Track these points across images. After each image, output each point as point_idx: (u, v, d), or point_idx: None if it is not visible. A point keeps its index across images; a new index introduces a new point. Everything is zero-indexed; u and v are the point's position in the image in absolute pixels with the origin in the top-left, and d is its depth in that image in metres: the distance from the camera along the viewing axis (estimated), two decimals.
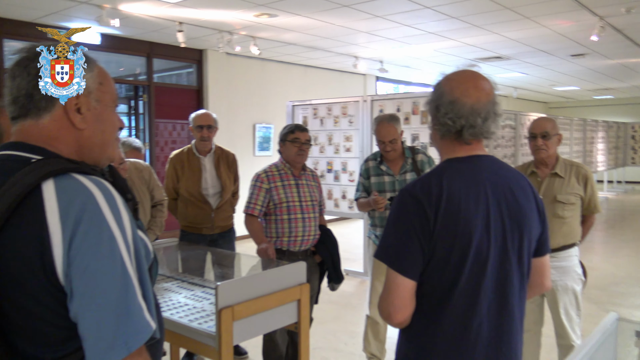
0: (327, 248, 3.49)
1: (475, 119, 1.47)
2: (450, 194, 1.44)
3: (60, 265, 1.00)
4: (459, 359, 1.49)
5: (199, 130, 3.84)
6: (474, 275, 1.45)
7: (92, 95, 1.18)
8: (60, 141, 1.14)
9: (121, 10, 5.89)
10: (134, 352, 1.03)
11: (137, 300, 1.05)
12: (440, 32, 7.25)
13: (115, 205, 1.07)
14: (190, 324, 2.54)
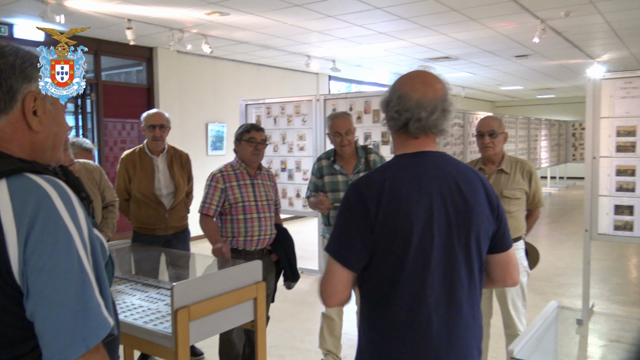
0: (283, 247, 3.51)
1: (420, 112, 1.52)
2: (392, 188, 1.50)
3: (15, 265, 1.00)
4: (409, 350, 1.53)
5: (151, 130, 3.79)
6: (418, 268, 1.50)
7: (48, 98, 1.18)
8: (13, 143, 1.14)
9: (66, 6, 5.72)
10: (92, 348, 1.03)
11: (95, 297, 1.06)
12: (391, 33, 7.39)
13: (71, 204, 1.08)
14: (145, 325, 2.52)
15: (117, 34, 7.08)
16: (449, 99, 1.58)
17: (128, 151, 3.92)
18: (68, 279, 1.02)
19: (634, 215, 4.51)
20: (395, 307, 1.52)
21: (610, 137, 4.57)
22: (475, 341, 1.63)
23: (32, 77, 1.15)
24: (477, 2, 5.80)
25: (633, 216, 4.51)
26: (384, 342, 1.55)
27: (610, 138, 4.57)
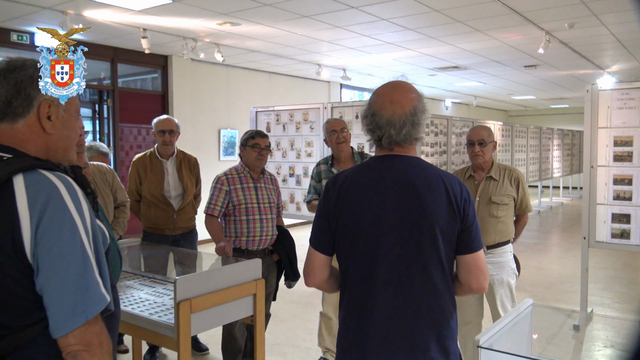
0: (284, 247, 3.68)
1: (390, 130, 1.69)
2: (351, 183, 1.72)
3: (28, 246, 1.19)
4: (359, 330, 1.70)
5: (161, 134, 3.99)
6: (365, 256, 1.68)
7: (62, 105, 1.36)
8: (30, 143, 1.32)
9: (85, 16, 5.98)
10: (91, 319, 1.21)
11: (94, 276, 1.24)
12: (398, 43, 7.56)
13: (76, 197, 1.26)
14: (150, 317, 2.69)
15: (133, 43, 7.34)
16: (420, 110, 1.71)
17: (139, 154, 4.13)
18: (72, 259, 1.21)
19: (631, 223, 4.61)
20: (349, 289, 1.74)
21: (607, 146, 4.68)
22: (432, 330, 1.67)
23: None
24: (481, 14, 5.94)
25: (630, 224, 4.61)
26: (345, 320, 1.76)
27: (608, 148, 4.68)
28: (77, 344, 1.20)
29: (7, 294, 1.20)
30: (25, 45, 6.75)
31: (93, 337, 1.22)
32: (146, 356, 4.09)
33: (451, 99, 15.86)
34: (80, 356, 1.20)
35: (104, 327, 1.27)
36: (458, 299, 3.56)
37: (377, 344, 1.67)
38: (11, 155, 1.26)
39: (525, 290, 5.95)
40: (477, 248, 1.72)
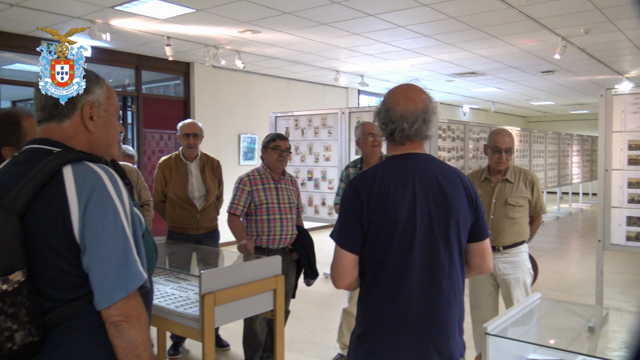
0: (303, 246, 3.82)
1: (403, 123, 1.82)
2: (381, 182, 1.80)
3: (76, 228, 1.34)
4: (391, 320, 1.80)
5: (186, 138, 4.17)
6: (402, 250, 1.78)
7: (102, 106, 1.53)
8: (75, 140, 1.48)
9: (112, 25, 6.21)
10: (130, 294, 1.37)
11: (133, 255, 1.40)
12: (415, 49, 7.67)
13: (117, 185, 1.42)
14: (176, 309, 2.84)
15: (157, 50, 7.58)
16: (431, 109, 1.86)
17: (165, 157, 4.32)
18: (114, 240, 1.37)
19: None
20: (382, 283, 1.80)
21: (622, 150, 4.74)
22: (457, 318, 1.86)
23: (90, 90, 1.49)
24: (497, 20, 6.03)
25: None
26: (373, 313, 1.83)
27: (622, 151, 4.74)
28: (118, 315, 1.35)
29: (58, 270, 1.35)
30: None
31: (132, 310, 1.37)
32: (170, 351, 4.25)
33: (469, 104, 15.88)
34: (121, 326, 1.35)
35: (141, 302, 1.42)
36: (475, 299, 3.66)
37: (413, 336, 1.77)
38: (60, 149, 1.43)
39: (542, 293, 5.98)
40: (487, 235, 1.93)
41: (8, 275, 1.28)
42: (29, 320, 1.31)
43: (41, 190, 1.34)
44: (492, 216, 3.43)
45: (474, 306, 3.64)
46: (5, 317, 1.28)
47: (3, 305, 1.28)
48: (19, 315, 1.29)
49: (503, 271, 3.47)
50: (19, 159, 1.46)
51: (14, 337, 1.29)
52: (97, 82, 1.52)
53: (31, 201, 1.33)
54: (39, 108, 1.48)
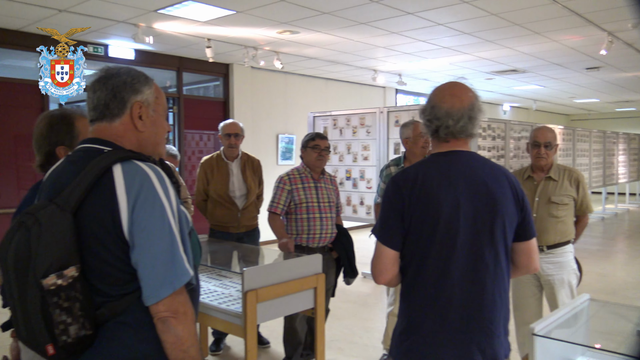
0: (343, 245, 3.83)
1: (448, 120, 1.80)
2: (424, 179, 1.79)
3: (125, 225, 1.38)
4: (433, 319, 1.78)
5: (227, 138, 4.24)
6: (445, 248, 1.76)
7: (151, 106, 1.57)
8: (125, 139, 1.53)
9: (155, 28, 6.36)
10: (177, 290, 1.39)
11: (180, 252, 1.43)
12: (455, 47, 7.58)
13: (164, 184, 1.45)
14: (219, 305, 2.89)
15: (197, 52, 7.72)
16: (477, 107, 1.84)
17: (207, 157, 4.40)
18: (161, 237, 1.39)
19: None
20: (423, 281, 1.79)
21: None
22: (502, 318, 1.83)
23: (139, 90, 1.54)
24: (540, 16, 5.90)
25: None
26: (414, 312, 1.82)
27: None
28: (166, 311, 1.38)
29: (108, 266, 1.39)
30: (100, 57, 7.22)
31: (179, 306, 1.40)
32: (212, 347, 4.32)
33: (509, 103, 15.57)
34: (169, 322, 1.38)
35: (188, 298, 1.44)
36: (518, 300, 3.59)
37: (456, 335, 1.76)
38: (110, 149, 1.47)
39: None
40: (534, 234, 1.89)
41: (63, 271, 1.32)
42: (82, 315, 1.35)
43: (92, 189, 1.38)
44: (535, 215, 3.36)
45: (517, 307, 3.57)
46: (60, 311, 1.32)
47: (58, 300, 1.32)
48: (73, 310, 1.33)
49: (547, 272, 3.39)
50: (72, 157, 1.51)
51: (69, 331, 1.33)
52: (146, 82, 1.56)
53: (83, 199, 1.38)
54: (91, 108, 1.54)
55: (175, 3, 5.38)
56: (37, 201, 1.53)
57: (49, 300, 1.31)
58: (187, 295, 1.44)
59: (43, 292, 1.31)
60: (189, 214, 1.61)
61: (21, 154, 6.69)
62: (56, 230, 1.34)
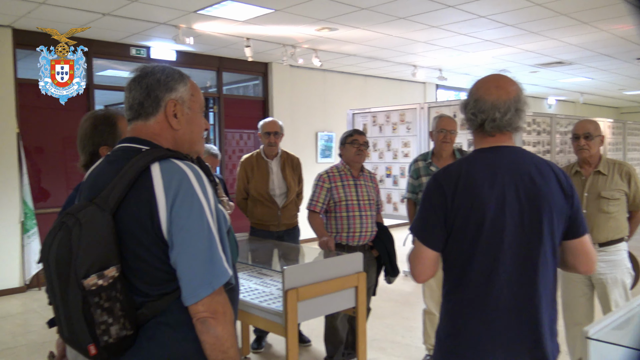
0: (383, 243, 3.77)
1: (495, 113, 1.72)
2: (467, 176, 1.71)
3: (164, 224, 1.36)
4: (480, 322, 1.71)
5: (267, 136, 4.24)
6: (491, 247, 1.68)
7: (186, 104, 1.55)
8: (162, 137, 1.52)
9: (195, 29, 6.44)
10: (216, 290, 1.37)
11: (218, 252, 1.40)
12: (497, 40, 7.38)
13: (203, 183, 1.43)
14: (260, 304, 2.89)
15: (236, 52, 7.77)
16: (522, 99, 1.76)
17: (247, 155, 4.41)
18: (200, 236, 1.37)
19: None
20: (469, 282, 1.72)
21: None
22: (550, 320, 1.75)
23: (173, 88, 1.52)
24: (587, 5, 5.68)
25: None
26: (459, 313, 1.75)
27: None
28: (205, 312, 1.36)
29: (147, 266, 1.38)
30: (143, 59, 7.38)
31: (218, 306, 1.38)
32: (253, 344, 4.34)
33: (555, 96, 15.10)
34: (208, 322, 1.36)
35: (227, 298, 1.42)
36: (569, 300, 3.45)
37: (503, 337, 1.68)
38: (148, 148, 1.47)
39: None
40: (584, 232, 1.79)
41: (103, 271, 1.32)
42: (123, 315, 1.35)
43: (131, 188, 1.37)
44: (584, 211, 3.21)
45: (566, 307, 3.43)
46: (101, 311, 1.32)
47: (99, 300, 1.32)
48: (114, 310, 1.33)
49: (599, 270, 3.24)
50: (111, 157, 1.51)
51: (110, 331, 1.33)
52: (180, 80, 1.54)
53: (122, 199, 1.37)
54: (128, 107, 1.54)
55: (215, 3, 5.43)
56: (78, 201, 1.55)
57: (90, 300, 1.31)
58: (226, 295, 1.43)
59: (84, 293, 1.31)
60: (226, 213, 1.59)
61: (69, 155, 6.90)
62: (96, 231, 1.34)
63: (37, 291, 6.37)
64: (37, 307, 5.72)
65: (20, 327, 5.10)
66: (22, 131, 6.30)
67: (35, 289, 6.43)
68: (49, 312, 1.42)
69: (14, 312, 5.60)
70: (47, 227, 1.39)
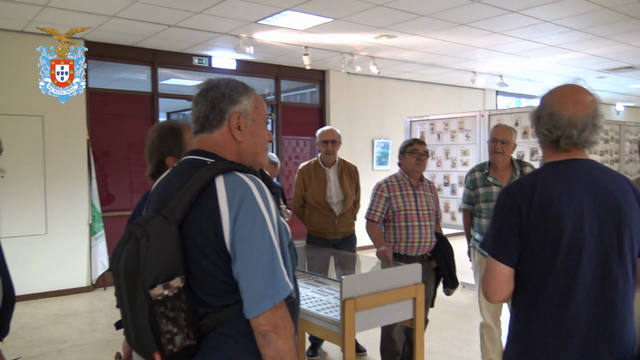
0: (442, 254, 3.70)
1: (572, 130, 1.66)
2: (543, 191, 1.64)
3: (227, 237, 1.38)
4: (556, 342, 1.64)
5: (325, 144, 4.27)
6: (568, 265, 1.61)
7: (249, 116, 1.57)
8: (226, 149, 1.55)
9: (255, 38, 6.57)
10: (277, 304, 1.38)
11: (280, 266, 1.41)
12: (562, 45, 7.13)
13: (265, 196, 1.44)
14: (317, 312, 2.90)
15: (294, 60, 7.87)
16: (599, 114, 1.68)
17: (305, 163, 4.46)
18: (262, 250, 1.38)
19: None
20: (544, 300, 1.65)
21: None
22: (632, 341, 1.67)
23: (237, 101, 1.55)
24: None
25: None
26: (532, 333, 1.68)
27: None
28: (266, 325, 1.37)
29: (211, 277, 1.41)
30: (205, 68, 7.59)
31: (279, 320, 1.38)
32: (308, 352, 4.36)
33: (623, 102, 14.41)
34: (269, 336, 1.37)
35: (287, 312, 1.43)
36: None
37: (582, 358, 1.62)
38: (213, 160, 1.50)
39: None
40: None
41: (169, 281, 1.36)
42: (187, 325, 1.37)
43: (196, 201, 1.40)
44: None
45: None
46: (166, 320, 1.35)
47: (164, 310, 1.35)
48: (178, 319, 1.36)
49: None
50: (178, 169, 1.55)
51: (174, 340, 1.36)
52: (244, 92, 1.57)
53: (188, 211, 1.40)
54: (194, 120, 1.58)
55: (275, 13, 5.52)
56: (145, 211, 1.60)
57: (156, 309, 1.35)
58: (287, 309, 1.43)
59: (151, 302, 1.35)
60: (288, 227, 1.60)
61: (133, 161, 7.18)
62: (163, 242, 1.37)
63: (103, 291, 6.65)
64: (103, 307, 5.97)
65: (87, 325, 5.34)
66: (91, 138, 6.62)
67: (100, 289, 6.72)
68: (114, 312, 1.48)
69: (82, 310, 5.87)
70: (113, 230, 1.45)
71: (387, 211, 3.65)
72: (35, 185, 6.27)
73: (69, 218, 6.47)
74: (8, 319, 2.19)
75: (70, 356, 4.51)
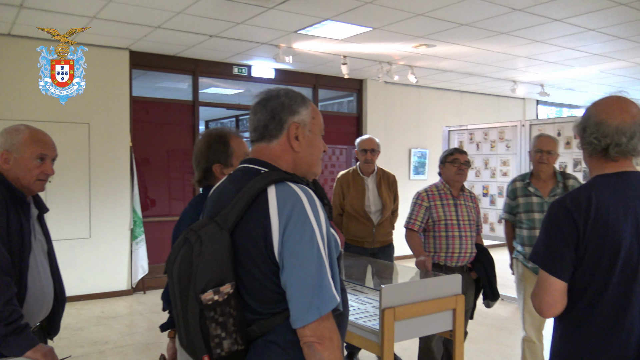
0: (483, 266, 3.65)
1: (620, 137, 1.64)
2: (599, 205, 1.62)
3: (276, 246, 1.40)
4: (607, 357, 1.61)
5: (364, 153, 4.27)
6: (624, 279, 1.59)
7: (307, 126, 1.59)
8: (282, 159, 1.57)
9: (294, 48, 6.64)
10: (323, 316, 1.38)
11: (327, 277, 1.41)
12: (607, 53, 6.96)
13: (316, 207, 1.45)
14: (356, 321, 2.89)
15: (332, 69, 7.92)
16: None
17: (343, 172, 4.47)
18: (310, 261, 1.39)
19: None
20: (598, 315, 1.63)
21: None
22: None
23: (296, 111, 1.57)
24: None
25: None
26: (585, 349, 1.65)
27: None
28: (312, 336, 1.37)
29: (259, 285, 1.43)
30: (244, 77, 7.71)
31: (325, 332, 1.38)
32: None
33: None
34: (314, 347, 1.37)
35: (334, 324, 1.42)
36: None
37: None
38: (267, 170, 1.52)
39: None
40: None
41: (219, 287, 1.39)
42: (235, 330, 1.40)
43: (248, 209, 1.43)
44: None
45: None
46: (215, 325, 1.38)
47: (214, 314, 1.38)
48: (227, 324, 1.39)
49: None
50: (233, 177, 1.58)
51: (223, 344, 1.39)
52: (303, 103, 1.59)
53: (240, 218, 1.43)
54: (252, 129, 1.60)
55: (315, 23, 5.58)
56: (202, 217, 1.63)
57: (206, 314, 1.38)
58: (334, 321, 1.43)
59: (201, 306, 1.38)
60: (338, 238, 1.59)
61: (173, 168, 7.34)
62: (215, 248, 1.40)
63: (142, 295, 6.79)
64: (142, 310, 6.10)
65: (127, 327, 5.46)
66: (133, 144, 6.80)
67: (140, 292, 6.86)
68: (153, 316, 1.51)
69: (122, 313, 6.00)
70: (153, 234, 1.48)
71: (427, 220, 3.63)
72: (81, 190, 6.47)
73: (111, 223, 6.65)
74: (59, 318, 2.28)
75: (111, 357, 4.62)
